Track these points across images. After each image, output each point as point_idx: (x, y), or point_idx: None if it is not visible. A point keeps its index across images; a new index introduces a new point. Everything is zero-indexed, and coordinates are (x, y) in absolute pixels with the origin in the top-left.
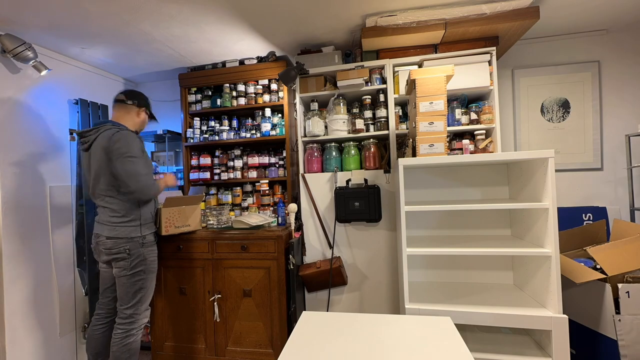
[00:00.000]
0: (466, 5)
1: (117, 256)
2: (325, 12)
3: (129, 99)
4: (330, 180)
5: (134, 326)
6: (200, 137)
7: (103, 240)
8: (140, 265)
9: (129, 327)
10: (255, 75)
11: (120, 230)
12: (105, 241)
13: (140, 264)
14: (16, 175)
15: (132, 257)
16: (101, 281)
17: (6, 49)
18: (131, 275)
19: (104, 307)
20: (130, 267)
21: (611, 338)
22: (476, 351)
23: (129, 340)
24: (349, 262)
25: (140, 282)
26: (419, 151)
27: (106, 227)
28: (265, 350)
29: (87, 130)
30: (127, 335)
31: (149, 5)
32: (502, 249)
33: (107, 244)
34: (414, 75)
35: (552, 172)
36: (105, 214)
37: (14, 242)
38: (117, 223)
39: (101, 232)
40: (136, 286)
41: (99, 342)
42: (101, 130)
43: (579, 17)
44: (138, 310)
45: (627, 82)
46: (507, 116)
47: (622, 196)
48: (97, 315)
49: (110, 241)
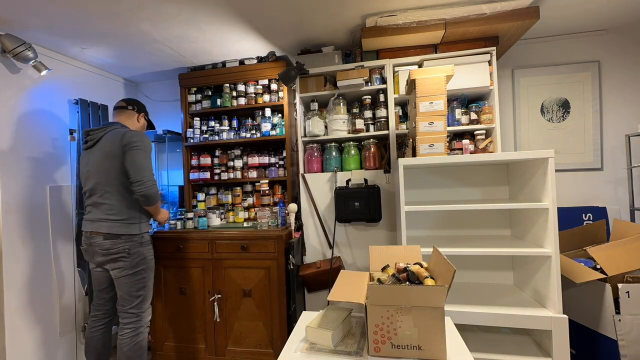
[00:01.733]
0: (466, 5)
1: (115, 256)
2: (325, 12)
3: (128, 105)
4: (330, 180)
5: (141, 324)
6: (200, 137)
7: (99, 240)
8: (141, 264)
9: (136, 325)
10: (255, 75)
11: (119, 228)
12: (103, 242)
13: (141, 263)
14: (16, 176)
15: (131, 256)
16: (95, 283)
17: (6, 49)
18: (132, 274)
19: (101, 308)
20: (131, 267)
21: (611, 338)
22: (476, 351)
23: (139, 339)
24: (349, 262)
25: (142, 281)
26: (419, 151)
27: (104, 225)
28: (265, 350)
29: (94, 129)
30: (137, 333)
31: (149, 6)
32: (502, 249)
33: (105, 245)
34: (414, 75)
35: (552, 172)
36: (101, 211)
37: (14, 242)
38: (115, 220)
39: (97, 231)
40: (139, 285)
41: (99, 343)
42: (109, 129)
43: (579, 17)
44: (142, 309)
45: (627, 82)
46: (507, 116)
47: (622, 196)
48: (95, 317)
49: (108, 241)
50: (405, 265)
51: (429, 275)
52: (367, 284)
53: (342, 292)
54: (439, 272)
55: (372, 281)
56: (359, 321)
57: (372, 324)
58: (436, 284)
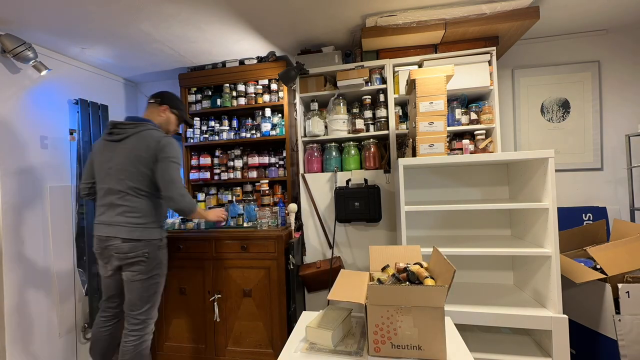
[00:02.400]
0: (466, 5)
1: (133, 260)
2: (325, 12)
3: (152, 98)
4: (330, 180)
5: (146, 331)
6: (200, 137)
7: (118, 244)
8: (156, 269)
9: (141, 332)
10: (255, 75)
11: (140, 232)
12: (121, 245)
13: (156, 268)
14: (16, 175)
15: (150, 260)
16: (106, 288)
17: (6, 49)
18: (147, 279)
19: (111, 310)
20: (147, 272)
21: (611, 338)
22: (476, 351)
23: (142, 347)
24: (349, 262)
25: (155, 286)
26: (419, 151)
27: (123, 228)
28: (265, 350)
29: (123, 123)
30: (141, 341)
31: (149, 6)
32: (502, 249)
33: (124, 248)
34: (414, 75)
35: (552, 172)
36: (121, 214)
37: (14, 242)
38: (137, 224)
39: (115, 235)
40: (151, 290)
41: (106, 342)
42: (142, 128)
43: (579, 17)
44: (150, 315)
45: (627, 82)
46: (507, 116)
47: (622, 196)
48: (104, 317)
49: (127, 245)
50: (405, 265)
51: (429, 275)
52: (367, 283)
53: (342, 292)
54: (439, 272)
55: (372, 281)
56: (359, 321)
57: (372, 324)
58: (436, 284)
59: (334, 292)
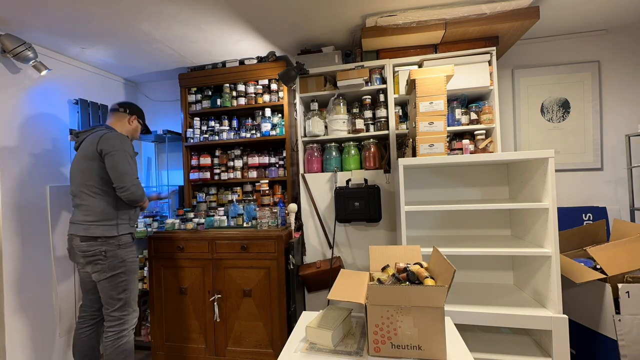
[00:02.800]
0: (466, 5)
1: (92, 259)
2: (325, 12)
3: (120, 107)
4: (330, 180)
5: (124, 327)
6: (200, 137)
7: (77, 242)
8: (119, 267)
9: (119, 328)
10: (255, 75)
11: (94, 229)
12: (80, 243)
13: (120, 266)
14: (16, 175)
15: (109, 259)
16: (81, 284)
17: (6, 49)
18: (111, 277)
19: (87, 310)
20: (110, 270)
21: (611, 338)
22: (476, 351)
23: (121, 342)
24: (349, 262)
25: (122, 284)
26: (419, 151)
27: (81, 226)
28: (265, 350)
29: (81, 131)
30: (119, 337)
31: (149, 6)
32: (502, 249)
33: (82, 246)
34: (414, 75)
35: (552, 172)
36: (79, 213)
37: (14, 242)
38: (91, 222)
39: (75, 233)
40: (119, 288)
41: (85, 344)
42: (93, 132)
43: (579, 17)
44: (126, 312)
45: (627, 82)
46: (507, 116)
47: (622, 196)
48: (82, 319)
49: (84, 243)
50: (405, 265)
51: (429, 275)
52: (367, 283)
53: (342, 292)
54: (439, 272)
55: (372, 281)
56: (359, 321)
57: (372, 324)
58: (436, 284)
59: (334, 292)
